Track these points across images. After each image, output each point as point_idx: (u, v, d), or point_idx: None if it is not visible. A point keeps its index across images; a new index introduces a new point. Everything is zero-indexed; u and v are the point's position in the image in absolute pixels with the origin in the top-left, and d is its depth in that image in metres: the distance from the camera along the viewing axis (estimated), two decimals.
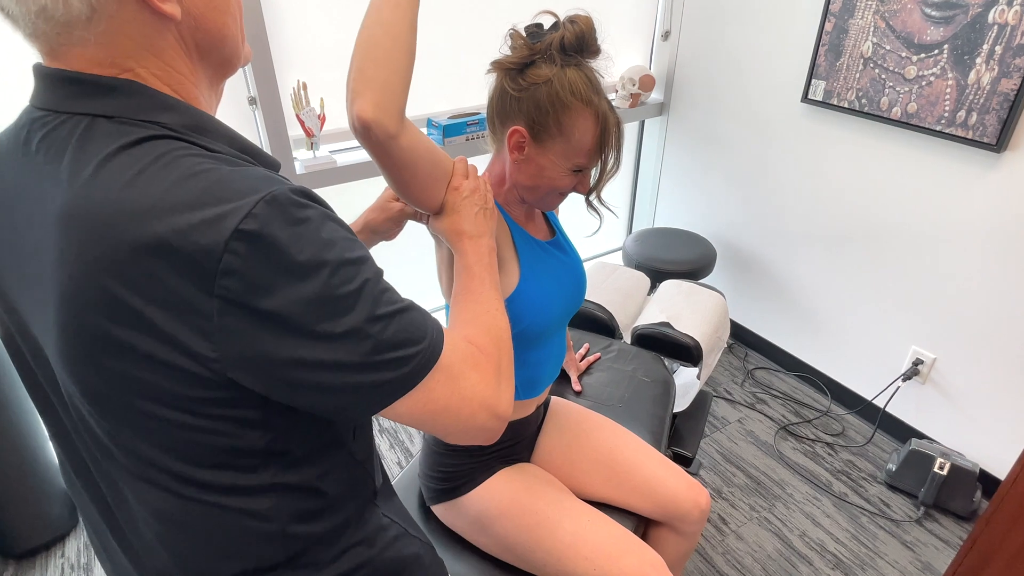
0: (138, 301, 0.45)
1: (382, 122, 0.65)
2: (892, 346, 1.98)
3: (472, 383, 0.58)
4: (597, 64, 0.89)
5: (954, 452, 1.79)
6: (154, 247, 0.44)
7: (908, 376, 1.92)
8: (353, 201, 1.95)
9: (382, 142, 0.67)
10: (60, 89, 0.51)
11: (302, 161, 1.71)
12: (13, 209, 0.53)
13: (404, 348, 0.53)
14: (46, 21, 0.47)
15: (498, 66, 0.87)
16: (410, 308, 0.55)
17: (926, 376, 1.90)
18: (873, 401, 2.06)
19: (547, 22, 0.88)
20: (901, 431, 2.02)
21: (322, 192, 1.75)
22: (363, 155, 1.82)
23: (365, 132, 0.66)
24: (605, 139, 0.87)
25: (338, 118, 1.77)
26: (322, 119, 1.69)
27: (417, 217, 0.91)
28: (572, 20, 0.85)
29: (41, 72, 0.52)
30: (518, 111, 0.86)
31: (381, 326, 0.52)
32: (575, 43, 0.84)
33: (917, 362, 1.90)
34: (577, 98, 0.84)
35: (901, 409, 2.01)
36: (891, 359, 2.00)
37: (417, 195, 0.77)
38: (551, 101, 0.84)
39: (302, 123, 1.65)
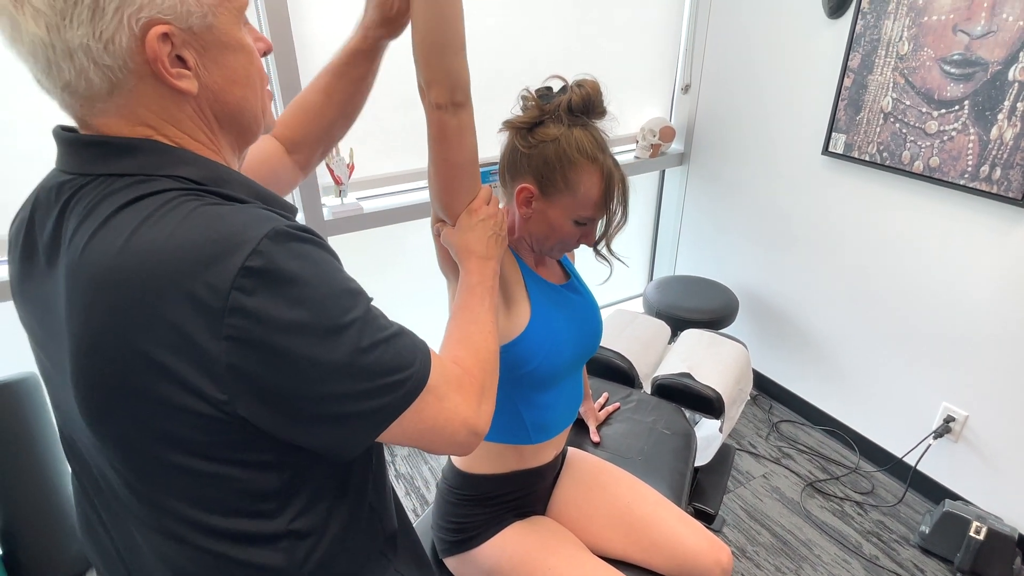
0: (148, 346, 0.47)
1: (451, 93, 0.71)
2: (922, 401, 1.92)
3: (455, 403, 0.61)
4: (604, 123, 0.93)
5: (991, 515, 1.71)
6: (159, 291, 0.46)
7: (939, 433, 1.86)
8: (379, 244, 2.01)
9: (444, 106, 0.72)
10: (83, 152, 0.53)
11: (330, 207, 1.76)
12: (43, 271, 0.55)
13: (397, 373, 0.55)
14: (71, 95, 0.51)
15: (509, 125, 0.92)
16: (401, 333, 0.57)
17: (959, 434, 1.84)
18: (903, 459, 1.99)
19: (556, 85, 0.92)
20: (934, 491, 1.94)
21: (348, 237, 1.81)
22: (389, 201, 1.87)
23: (426, 91, 0.72)
24: (609, 194, 0.91)
25: (366, 166, 1.83)
26: (351, 168, 1.75)
27: (433, 229, 0.91)
28: (579, 84, 0.90)
29: (62, 138, 0.55)
30: (527, 167, 0.90)
31: (378, 353, 0.53)
32: (581, 105, 0.89)
33: (948, 419, 1.84)
34: (583, 155, 0.88)
35: (933, 468, 1.94)
36: (921, 415, 1.94)
37: (449, 178, 0.79)
38: (558, 158, 0.88)
39: (331, 172, 1.71)
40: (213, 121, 0.57)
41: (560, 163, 0.88)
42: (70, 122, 0.56)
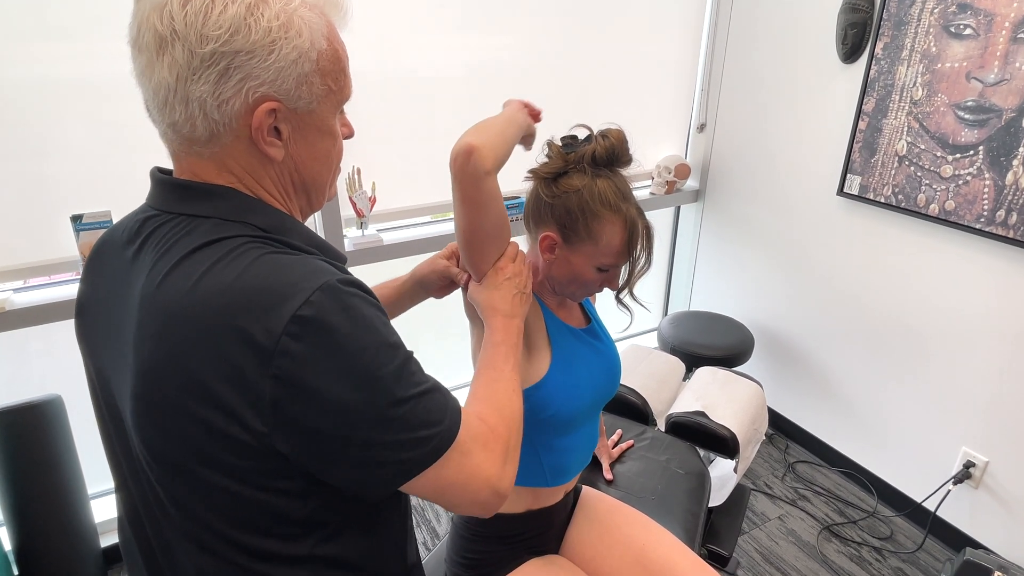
0: (205, 376, 0.51)
1: (484, 156, 0.73)
2: (941, 446, 1.90)
3: (479, 461, 0.61)
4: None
5: (1013, 565, 1.67)
6: (222, 328, 0.50)
7: (959, 479, 1.83)
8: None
9: (476, 172, 0.74)
10: (172, 193, 0.60)
11: (351, 239, 1.80)
12: (116, 295, 0.60)
13: (427, 428, 0.57)
14: (175, 133, 0.57)
15: (534, 174, 0.94)
16: (434, 389, 0.59)
17: (979, 480, 1.80)
18: (923, 504, 1.95)
19: (582, 134, 0.94)
20: (954, 538, 1.90)
21: (368, 267, 1.84)
22: (407, 233, 1.91)
23: (467, 156, 0.73)
24: (633, 242, 0.91)
25: (387, 199, 1.88)
26: (372, 200, 1.80)
27: (459, 279, 0.94)
28: (604, 135, 0.91)
29: (157, 178, 0.61)
30: (550, 215, 0.92)
31: (409, 407, 0.56)
32: (605, 156, 0.90)
33: (968, 464, 1.81)
34: (605, 207, 0.89)
35: (953, 514, 1.90)
36: (940, 460, 1.91)
37: (478, 242, 0.82)
38: (581, 208, 0.89)
39: (354, 204, 1.76)
40: (289, 185, 0.63)
41: (583, 214, 0.89)
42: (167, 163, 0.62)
